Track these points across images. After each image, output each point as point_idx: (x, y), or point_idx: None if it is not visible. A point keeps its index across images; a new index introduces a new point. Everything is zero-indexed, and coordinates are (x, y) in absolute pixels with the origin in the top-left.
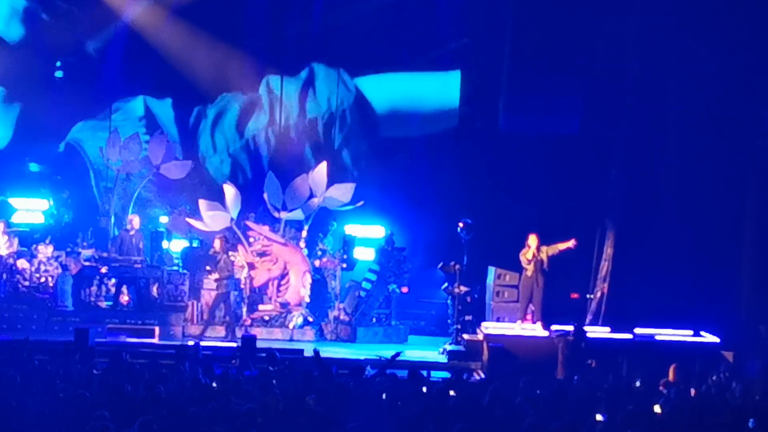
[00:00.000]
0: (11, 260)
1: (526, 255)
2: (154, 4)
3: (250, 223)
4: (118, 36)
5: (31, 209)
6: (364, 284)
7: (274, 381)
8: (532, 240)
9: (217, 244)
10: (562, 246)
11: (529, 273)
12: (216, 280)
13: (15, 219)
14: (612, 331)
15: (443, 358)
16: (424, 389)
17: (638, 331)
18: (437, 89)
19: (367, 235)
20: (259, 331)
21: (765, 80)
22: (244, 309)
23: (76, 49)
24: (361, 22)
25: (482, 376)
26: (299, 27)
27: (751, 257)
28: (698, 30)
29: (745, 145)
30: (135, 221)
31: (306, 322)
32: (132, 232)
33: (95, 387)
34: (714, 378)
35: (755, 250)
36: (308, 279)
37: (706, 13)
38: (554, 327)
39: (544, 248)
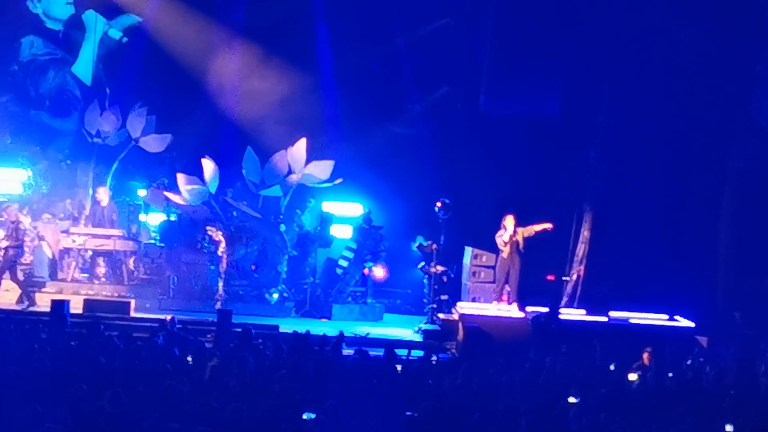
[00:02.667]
0: None
1: (503, 237)
2: None
3: (228, 199)
4: None
5: (9, 179)
6: (341, 262)
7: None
8: (509, 221)
9: (11, 211)
10: (537, 228)
11: (505, 255)
12: (5, 248)
13: None
14: (587, 314)
15: (418, 337)
16: (399, 368)
17: (613, 314)
18: None
19: (345, 213)
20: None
21: (746, 63)
22: (221, 284)
23: None
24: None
25: (456, 354)
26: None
27: (727, 243)
28: (679, 14)
29: (724, 131)
30: (101, 194)
31: (282, 298)
32: (103, 204)
33: (70, 358)
34: (688, 362)
35: (732, 236)
36: None
37: None
38: (529, 309)
39: (520, 230)
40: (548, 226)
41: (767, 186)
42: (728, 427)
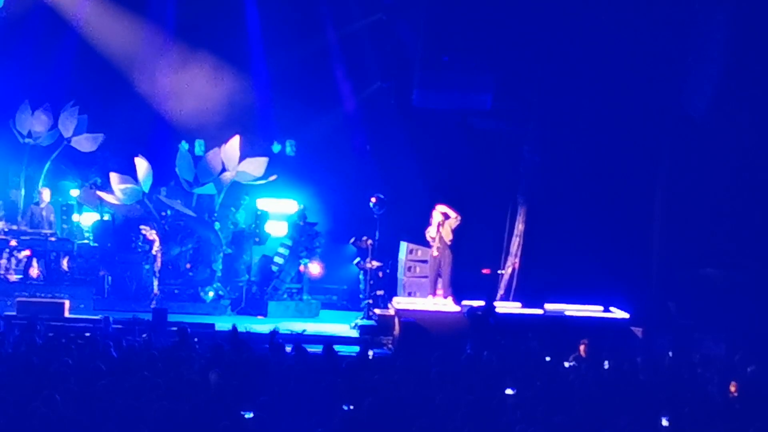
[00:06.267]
0: None
1: (429, 232)
2: None
3: (161, 197)
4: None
5: None
6: (276, 259)
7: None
8: (435, 215)
9: None
10: (452, 221)
11: (434, 251)
12: None
13: None
14: (523, 307)
15: (355, 333)
16: (336, 364)
17: (549, 306)
18: None
19: (280, 210)
20: None
21: (677, 56)
22: (155, 283)
23: None
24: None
25: (392, 349)
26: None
27: (660, 234)
28: (611, 6)
29: (657, 123)
30: (45, 194)
31: (218, 296)
32: (42, 205)
33: (3, 360)
34: (623, 354)
35: (665, 227)
36: None
37: None
38: (465, 302)
39: (446, 223)
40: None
41: (699, 177)
42: (664, 422)
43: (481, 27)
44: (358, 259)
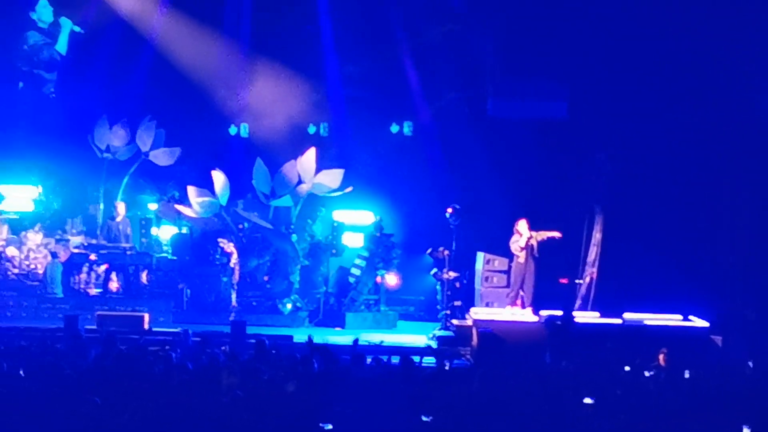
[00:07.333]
0: (0, 248)
1: (519, 242)
2: None
3: (239, 210)
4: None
5: (21, 196)
6: (353, 270)
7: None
8: (523, 226)
9: None
10: (548, 234)
11: (521, 259)
12: None
13: (4, 206)
14: (601, 316)
15: (433, 344)
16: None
17: (627, 316)
18: None
19: (356, 221)
20: None
21: (757, 62)
22: (234, 295)
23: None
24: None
25: (470, 360)
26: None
27: (740, 242)
28: (686, 14)
29: (735, 129)
30: (121, 209)
31: (295, 308)
32: (119, 219)
33: (87, 374)
34: (703, 363)
35: (744, 234)
36: None
37: None
38: (543, 312)
39: (534, 234)
40: (557, 234)
41: None
42: (745, 429)
43: (555, 35)
44: (435, 269)
